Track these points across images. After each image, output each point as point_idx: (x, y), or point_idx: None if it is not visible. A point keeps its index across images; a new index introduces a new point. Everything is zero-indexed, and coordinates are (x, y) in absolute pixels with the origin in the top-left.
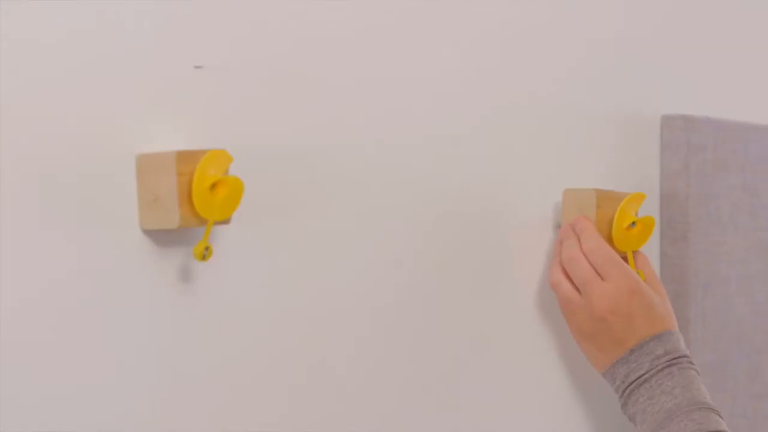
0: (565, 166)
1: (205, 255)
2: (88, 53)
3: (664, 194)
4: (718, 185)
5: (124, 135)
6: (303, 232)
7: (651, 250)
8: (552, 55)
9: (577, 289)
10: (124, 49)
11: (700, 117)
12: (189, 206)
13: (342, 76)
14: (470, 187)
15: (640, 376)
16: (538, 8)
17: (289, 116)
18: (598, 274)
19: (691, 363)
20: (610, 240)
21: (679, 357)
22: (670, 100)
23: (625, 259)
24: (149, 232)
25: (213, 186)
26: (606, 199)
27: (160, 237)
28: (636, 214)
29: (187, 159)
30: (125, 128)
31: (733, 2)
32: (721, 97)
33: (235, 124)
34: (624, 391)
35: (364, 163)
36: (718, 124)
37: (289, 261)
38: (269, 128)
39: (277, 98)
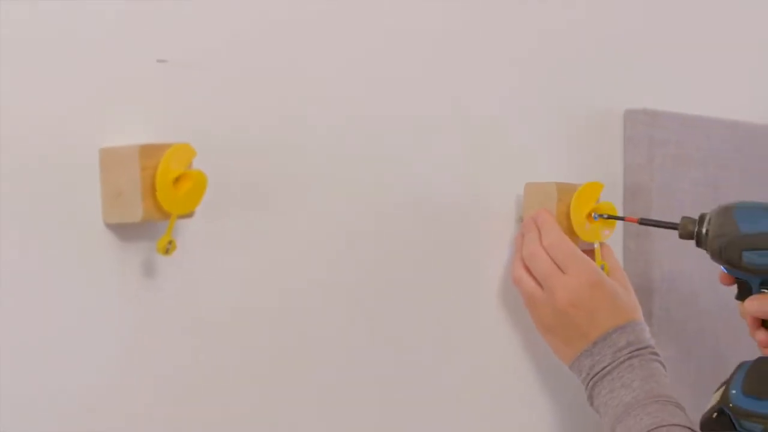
0: (528, 161)
1: (168, 249)
2: (51, 47)
3: (627, 188)
4: (681, 180)
5: (88, 129)
6: (267, 226)
7: (614, 244)
8: (516, 50)
9: (539, 283)
10: (87, 43)
11: (663, 111)
12: (152, 200)
13: (307, 70)
14: (435, 181)
15: (603, 368)
16: (502, 4)
17: (253, 110)
18: (559, 267)
19: (654, 354)
20: (572, 232)
21: (642, 348)
22: (633, 95)
23: (591, 252)
24: (112, 226)
25: (176, 180)
26: (567, 193)
27: (124, 231)
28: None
29: (150, 153)
30: (88, 122)
31: None
32: (684, 92)
33: (199, 118)
34: (588, 384)
35: (329, 157)
36: (681, 118)
37: (253, 255)
38: (232, 122)
39: (240, 92)
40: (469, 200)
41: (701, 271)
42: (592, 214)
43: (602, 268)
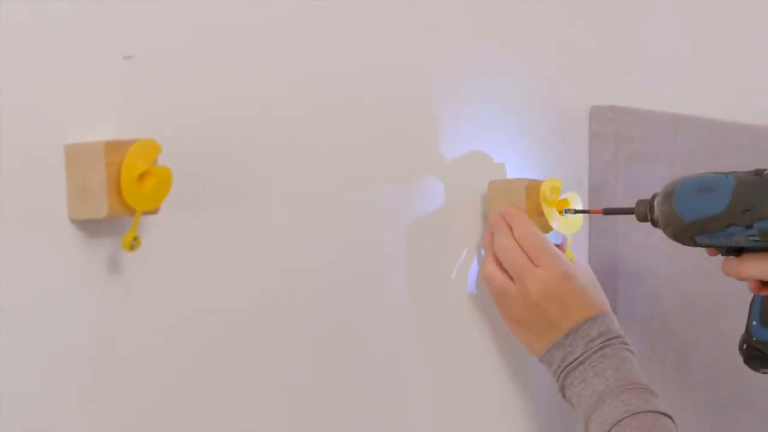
0: (494, 158)
1: (133, 245)
2: (15, 42)
3: (593, 185)
4: (647, 176)
5: (53, 125)
6: (233, 223)
7: (580, 241)
8: (482, 46)
9: (510, 278)
10: (53, 38)
11: (629, 108)
12: (117, 196)
13: (275, 65)
14: (401, 179)
15: (575, 359)
16: (468, 2)
17: (219, 106)
18: (531, 260)
19: (624, 343)
20: (541, 227)
21: (613, 338)
22: (599, 91)
23: (561, 245)
24: (78, 222)
25: (141, 176)
26: (535, 189)
27: (89, 227)
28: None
29: (115, 149)
30: (54, 118)
31: None
32: (651, 88)
33: (165, 114)
34: (560, 376)
35: (295, 154)
36: (647, 115)
37: (219, 251)
38: (199, 119)
39: (207, 88)
40: (437, 199)
41: (666, 268)
42: (563, 209)
43: (571, 260)
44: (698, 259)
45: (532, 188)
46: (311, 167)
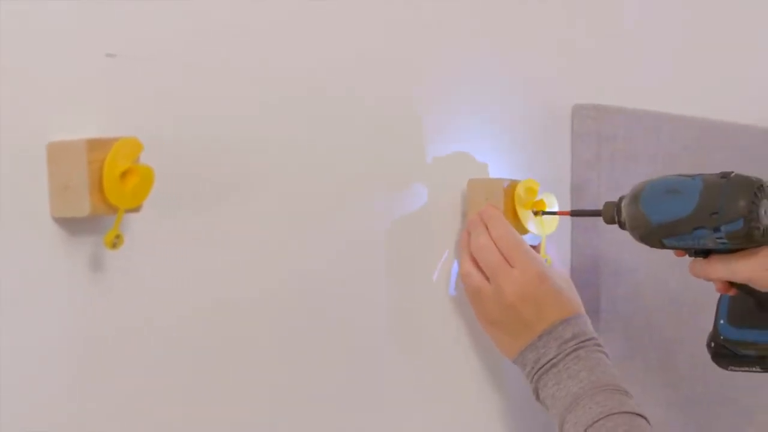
0: (476, 156)
1: (115, 243)
2: None
3: (575, 184)
4: (629, 175)
5: (35, 123)
6: (214, 222)
7: (562, 239)
8: (464, 46)
9: (486, 277)
10: (35, 36)
11: (611, 106)
12: (100, 194)
13: (259, 64)
14: (385, 179)
15: (548, 361)
16: (450, 1)
17: (202, 105)
18: (507, 260)
19: (598, 345)
20: (517, 228)
21: (587, 340)
22: (581, 90)
23: (537, 247)
24: (60, 220)
25: (124, 174)
26: (511, 188)
27: (71, 225)
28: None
29: (97, 147)
30: (36, 116)
31: None
32: (633, 87)
33: (147, 112)
34: (534, 377)
35: (279, 154)
36: (630, 113)
37: (201, 250)
38: (181, 117)
39: (189, 87)
40: (419, 198)
41: (648, 266)
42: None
43: (546, 261)
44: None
45: (511, 188)
46: (295, 167)
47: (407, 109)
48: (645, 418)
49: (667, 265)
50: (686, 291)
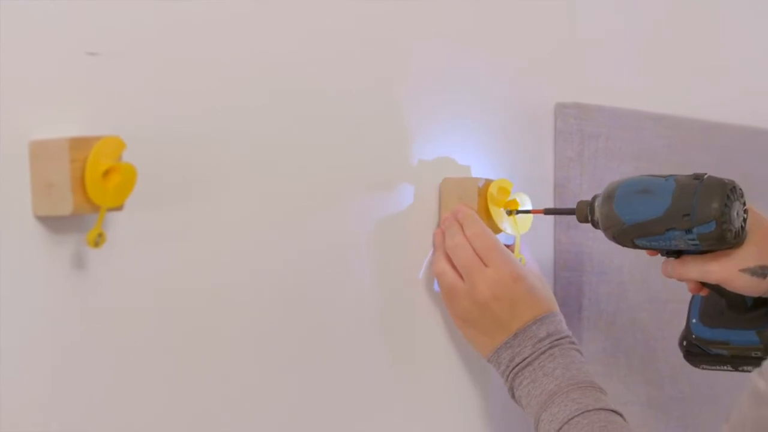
0: (458, 155)
1: (98, 242)
2: None
3: (557, 182)
4: (612, 173)
5: (17, 122)
6: (197, 220)
7: (545, 237)
8: (446, 43)
9: (460, 276)
10: (17, 35)
11: (594, 105)
12: (82, 193)
13: (241, 67)
14: (368, 180)
15: (523, 359)
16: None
17: (184, 104)
18: (481, 260)
19: (572, 343)
20: (491, 227)
21: (561, 338)
22: (564, 88)
23: (511, 246)
24: (43, 219)
25: (106, 172)
26: (486, 187)
27: (54, 223)
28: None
29: (80, 145)
30: (18, 115)
31: None
32: (616, 86)
33: (129, 111)
34: (509, 376)
35: (262, 153)
36: (612, 112)
37: (184, 248)
38: (163, 116)
39: (172, 86)
40: (397, 196)
41: (631, 264)
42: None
43: (520, 260)
44: None
45: (485, 188)
46: (279, 165)
47: (391, 109)
48: (621, 415)
49: (650, 264)
50: (669, 290)
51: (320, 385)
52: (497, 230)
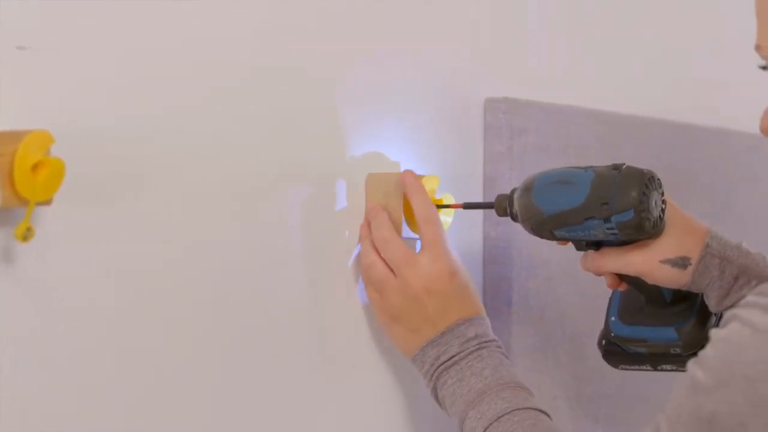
0: (389, 151)
1: (26, 236)
2: None
3: (487, 177)
4: (542, 168)
5: None
6: (126, 215)
7: (474, 232)
8: (376, 39)
9: (390, 270)
10: None
11: (522, 100)
12: (11, 187)
13: (172, 61)
14: (299, 177)
15: (450, 358)
16: None
17: (113, 99)
18: (412, 254)
19: (499, 347)
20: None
21: (489, 341)
22: (493, 83)
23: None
24: None
25: (35, 166)
26: None
27: None
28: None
29: (8, 139)
30: None
31: None
32: (546, 81)
33: (58, 105)
34: (433, 375)
35: (194, 150)
36: (541, 107)
37: (112, 243)
38: (92, 110)
39: (101, 81)
40: (325, 192)
41: (559, 259)
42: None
43: None
44: None
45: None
46: (208, 163)
47: (322, 107)
48: (548, 415)
49: (577, 256)
50: (598, 285)
51: (246, 384)
52: (416, 228)
